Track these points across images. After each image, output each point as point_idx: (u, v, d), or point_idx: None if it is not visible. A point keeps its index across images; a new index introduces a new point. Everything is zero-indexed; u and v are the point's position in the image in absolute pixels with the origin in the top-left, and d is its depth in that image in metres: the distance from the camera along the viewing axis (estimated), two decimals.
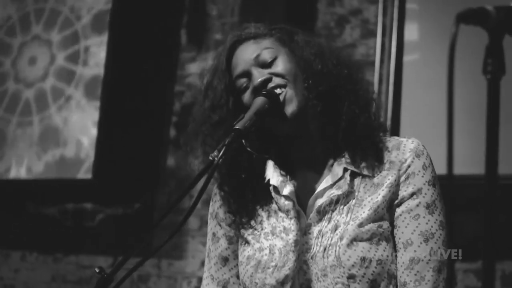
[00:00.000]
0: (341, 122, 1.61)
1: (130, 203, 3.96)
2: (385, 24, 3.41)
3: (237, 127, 1.49)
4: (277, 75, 1.62)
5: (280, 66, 1.63)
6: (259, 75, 1.62)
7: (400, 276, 1.56)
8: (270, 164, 1.68)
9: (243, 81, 1.65)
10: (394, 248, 1.57)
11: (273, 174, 1.66)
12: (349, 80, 1.65)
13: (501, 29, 1.08)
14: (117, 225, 3.98)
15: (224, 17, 3.93)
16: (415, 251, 1.55)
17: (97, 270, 1.40)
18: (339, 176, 1.60)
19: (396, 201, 1.59)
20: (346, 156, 1.61)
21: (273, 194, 1.66)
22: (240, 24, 1.81)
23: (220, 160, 1.44)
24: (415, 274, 1.54)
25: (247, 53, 1.66)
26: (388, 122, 3.22)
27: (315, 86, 1.61)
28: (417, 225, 1.57)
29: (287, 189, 1.64)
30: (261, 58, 1.64)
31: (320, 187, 1.62)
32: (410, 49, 3.25)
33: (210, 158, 1.44)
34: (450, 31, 1.03)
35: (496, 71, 1.07)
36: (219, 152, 1.45)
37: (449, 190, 1.06)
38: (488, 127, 1.06)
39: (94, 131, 3.89)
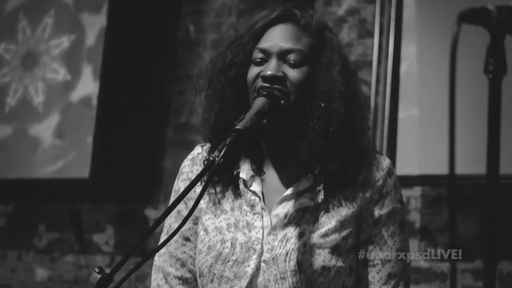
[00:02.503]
0: (331, 153, 1.60)
1: (127, 203, 3.96)
2: (383, 24, 3.41)
3: (238, 128, 1.48)
4: (290, 80, 1.59)
5: (298, 75, 1.60)
6: (274, 68, 1.59)
7: None
8: (243, 158, 1.68)
9: (260, 56, 1.63)
10: (355, 262, 1.62)
11: (243, 168, 1.66)
12: (359, 127, 1.63)
13: (502, 29, 1.08)
14: (114, 225, 3.97)
15: (221, 16, 3.93)
16: (392, 267, 1.64)
17: (96, 270, 1.40)
18: (310, 185, 1.61)
19: (371, 219, 1.63)
20: (321, 165, 1.60)
21: (241, 186, 1.66)
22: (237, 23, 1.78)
23: (221, 160, 1.43)
24: None
25: (282, 38, 1.62)
26: (386, 122, 3.22)
27: (326, 126, 1.58)
28: (393, 243, 1.64)
29: (255, 185, 1.65)
30: (289, 55, 1.60)
31: (288, 191, 1.62)
32: (408, 48, 3.25)
33: (211, 158, 1.44)
34: (451, 31, 1.03)
35: (498, 71, 1.07)
36: (220, 152, 1.43)
37: (451, 190, 1.06)
38: (490, 126, 1.06)
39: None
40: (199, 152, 1.75)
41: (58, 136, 3.98)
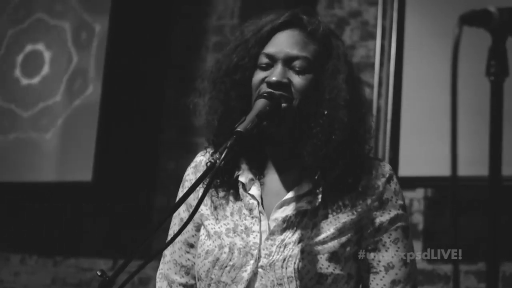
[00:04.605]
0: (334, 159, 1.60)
1: (130, 205, 3.96)
2: (385, 26, 3.42)
3: (238, 130, 1.47)
4: (294, 86, 1.59)
5: (302, 82, 1.59)
6: (279, 74, 1.59)
7: None
8: (243, 162, 1.67)
9: (266, 61, 1.62)
10: (354, 269, 1.61)
11: (243, 172, 1.66)
12: (361, 136, 1.63)
13: (504, 31, 1.08)
14: (116, 228, 3.97)
15: (223, 18, 3.93)
16: (396, 274, 1.62)
17: (98, 273, 1.40)
18: (309, 189, 1.61)
19: (372, 227, 1.62)
20: (322, 171, 1.59)
21: (240, 190, 1.66)
22: (240, 25, 1.78)
23: (222, 163, 1.42)
24: None
25: (288, 45, 1.61)
26: (388, 124, 3.22)
27: (329, 134, 1.57)
28: (397, 249, 1.63)
29: (254, 188, 1.65)
30: (295, 62, 1.60)
31: (288, 195, 1.62)
32: (410, 51, 3.25)
33: (212, 160, 1.43)
34: (453, 33, 1.03)
35: (499, 73, 1.07)
36: (221, 155, 1.43)
37: (453, 191, 1.06)
38: (492, 128, 1.06)
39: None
40: (202, 158, 1.75)
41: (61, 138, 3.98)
